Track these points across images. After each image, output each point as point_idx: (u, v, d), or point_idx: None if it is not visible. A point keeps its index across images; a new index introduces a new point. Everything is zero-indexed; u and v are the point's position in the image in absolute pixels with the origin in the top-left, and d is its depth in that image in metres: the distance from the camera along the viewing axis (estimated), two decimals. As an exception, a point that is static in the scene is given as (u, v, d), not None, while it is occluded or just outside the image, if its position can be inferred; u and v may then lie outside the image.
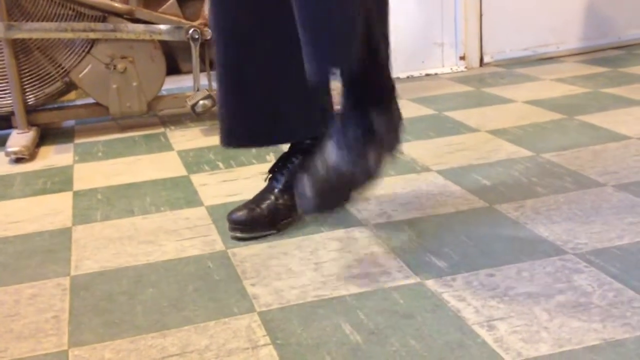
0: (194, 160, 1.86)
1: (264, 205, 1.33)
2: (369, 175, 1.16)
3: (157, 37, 2.14)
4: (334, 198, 1.16)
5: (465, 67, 2.79)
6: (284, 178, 1.35)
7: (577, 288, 1.06)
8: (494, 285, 1.09)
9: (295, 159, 1.36)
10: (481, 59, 2.82)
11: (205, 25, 2.13)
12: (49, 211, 1.57)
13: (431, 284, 1.11)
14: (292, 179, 1.33)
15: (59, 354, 1.00)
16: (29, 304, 1.15)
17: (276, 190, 1.35)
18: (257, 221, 1.32)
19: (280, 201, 1.34)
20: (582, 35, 2.89)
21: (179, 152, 1.95)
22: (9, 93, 2.12)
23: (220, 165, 1.80)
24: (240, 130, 1.33)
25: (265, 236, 1.32)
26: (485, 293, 1.07)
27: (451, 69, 2.78)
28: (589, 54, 2.86)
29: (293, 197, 1.33)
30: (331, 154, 1.15)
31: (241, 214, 1.32)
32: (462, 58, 2.79)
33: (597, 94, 2.22)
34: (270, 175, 1.38)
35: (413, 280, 1.13)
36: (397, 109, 1.26)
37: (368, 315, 1.03)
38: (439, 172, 1.62)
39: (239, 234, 1.32)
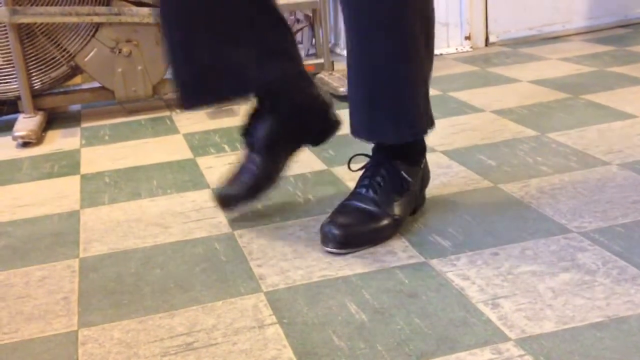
0: (200, 143, 1.87)
1: (245, 177, 1.31)
2: (396, 225, 1.22)
3: (161, 20, 2.14)
4: (360, 240, 1.19)
5: (471, 47, 2.78)
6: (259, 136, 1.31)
7: (581, 266, 1.07)
8: (498, 264, 1.10)
9: (265, 110, 1.31)
10: (487, 39, 2.81)
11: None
12: (57, 195, 1.59)
13: (435, 263, 1.12)
14: (269, 135, 1.31)
15: (68, 335, 1.02)
16: (38, 286, 1.17)
17: (255, 157, 1.32)
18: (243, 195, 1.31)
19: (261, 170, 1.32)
20: (588, 14, 2.87)
21: (185, 135, 1.96)
22: (15, 78, 2.13)
23: (226, 147, 1.81)
24: (192, 88, 1.27)
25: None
26: (490, 272, 1.08)
27: (456, 49, 2.78)
28: (595, 32, 2.84)
29: (272, 161, 1.31)
30: (362, 203, 1.22)
31: (228, 189, 1.31)
32: (468, 38, 2.78)
33: (603, 73, 2.21)
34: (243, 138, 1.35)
35: (417, 259, 1.14)
36: (426, 167, 1.33)
37: (373, 294, 1.05)
38: (444, 152, 1.63)
39: (230, 208, 1.33)
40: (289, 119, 1.33)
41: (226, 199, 1.32)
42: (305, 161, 1.65)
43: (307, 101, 1.35)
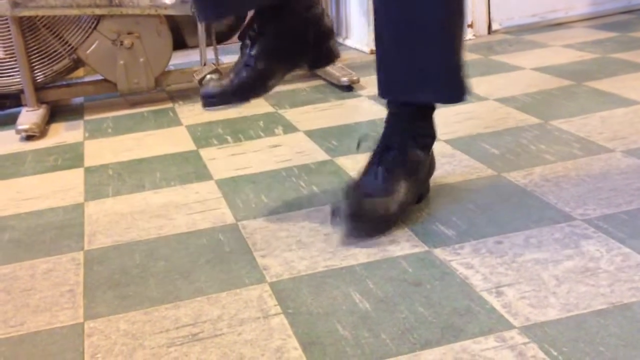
0: (203, 135, 1.87)
1: (236, 75, 1.25)
2: (402, 207, 1.22)
3: (162, 12, 2.14)
4: (369, 225, 1.19)
5: (474, 35, 2.77)
6: (257, 45, 1.26)
7: (585, 253, 1.07)
8: (502, 252, 1.10)
9: (268, 23, 1.27)
10: (489, 27, 2.80)
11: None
12: (61, 187, 1.59)
13: (439, 252, 1.12)
14: (265, 45, 1.27)
15: (74, 327, 1.02)
16: (44, 279, 1.17)
17: (250, 60, 1.27)
18: (229, 91, 1.25)
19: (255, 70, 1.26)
20: (591, 0, 2.86)
21: (188, 127, 1.96)
22: (18, 71, 2.13)
23: (229, 139, 1.81)
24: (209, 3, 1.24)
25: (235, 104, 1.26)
26: (493, 260, 1.08)
27: (459, 37, 2.76)
28: (598, 19, 2.83)
29: (268, 62, 1.27)
30: (369, 182, 1.22)
31: (213, 87, 1.25)
32: (470, 26, 2.77)
33: (606, 60, 2.20)
34: (242, 42, 1.30)
35: (421, 248, 1.14)
36: (432, 156, 1.32)
37: (377, 283, 1.05)
38: (447, 141, 1.63)
39: (211, 107, 1.25)
40: (289, 33, 1.28)
41: (211, 94, 1.24)
42: (308, 152, 1.65)
43: (312, 22, 1.32)
